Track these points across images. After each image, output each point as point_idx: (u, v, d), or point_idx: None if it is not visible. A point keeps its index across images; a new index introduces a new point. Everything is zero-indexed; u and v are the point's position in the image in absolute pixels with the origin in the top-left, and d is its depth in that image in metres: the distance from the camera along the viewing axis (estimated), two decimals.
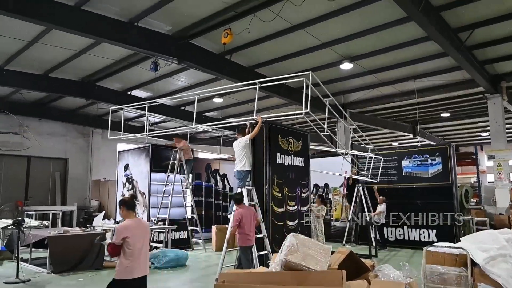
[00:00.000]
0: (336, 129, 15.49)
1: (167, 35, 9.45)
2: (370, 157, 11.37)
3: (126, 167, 11.83)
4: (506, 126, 13.60)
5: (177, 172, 10.58)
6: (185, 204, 11.10)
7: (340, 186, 12.59)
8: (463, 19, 8.86)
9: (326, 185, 12.99)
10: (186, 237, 10.99)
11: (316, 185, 13.05)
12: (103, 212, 14.40)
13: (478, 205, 13.35)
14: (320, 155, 15.18)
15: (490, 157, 12.75)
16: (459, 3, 8.16)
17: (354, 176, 11.66)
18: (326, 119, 8.81)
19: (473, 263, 5.13)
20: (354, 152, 12.84)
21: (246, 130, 7.68)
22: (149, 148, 10.98)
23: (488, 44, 10.12)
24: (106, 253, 8.61)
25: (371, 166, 11.40)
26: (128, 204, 4.37)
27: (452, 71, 11.79)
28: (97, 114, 17.06)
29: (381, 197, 10.81)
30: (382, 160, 11.58)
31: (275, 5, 8.01)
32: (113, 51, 10.38)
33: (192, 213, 11.06)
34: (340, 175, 11.86)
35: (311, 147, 9.60)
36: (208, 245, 11.06)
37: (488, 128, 14.86)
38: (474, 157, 14.90)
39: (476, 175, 14.89)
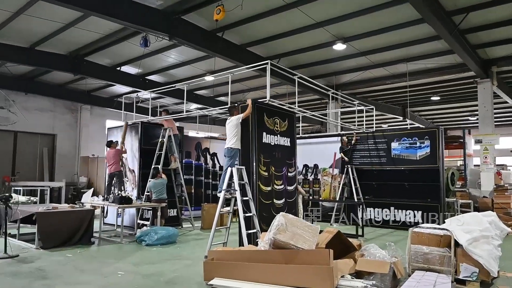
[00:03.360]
0: (327, 110, 15.52)
1: (158, 10, 9.22)
2: (360, 110, 11.81)
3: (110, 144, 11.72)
4: (494, 111, 13.77)
5: (166, 151, 10.52)
6: (175, 182, 11.08)
7: (329, 167, 12.69)
8: (458, 2, 8.79)
9: (316, 166, 13.08)
10: (176, 214, 11.05)
11: (305, 166, 13.14)
12: (92, 189, 14.37)
13: (463, 187, 13.61)
14: (311, 136, 15.24)
15: (477, 141, 12.93)
16: None
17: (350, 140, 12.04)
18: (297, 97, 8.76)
19: (457, 244, 5.27)
20: (344, 109, 13.03)
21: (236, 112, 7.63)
22: (139, 126, 10.86)
23: (481, 28, 10.10)
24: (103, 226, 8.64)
25: (364, 121, 11.86)
26: None
27: (444, 54, 11.80)
28: (85, 89, 16.78)
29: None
30: (374, 109, 12.22)
31: None
32: (102, 25, 10.11)
33: (182, 191, 11.08)
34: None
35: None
36: (197, 223, 11.15)
37: (476, 112, 15.01)
38: (462, 140, 15.06)
39: (462, 159, 15.11)
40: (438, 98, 18.09)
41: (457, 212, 11.03)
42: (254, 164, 7.36)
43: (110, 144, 10.50)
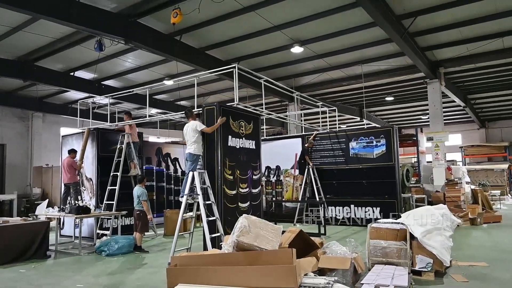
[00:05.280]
0: (291, 112, 15.80)
1: (113, 13, 8.99)
2: (323, 112, 12.17)
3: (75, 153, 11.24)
4: (443, 110, 14.58)
5: (125, 157, 10.23)
6: None
7: (291, 168, 12.88)
8: (407, 6, 9.26)
9: (278, 167, 13.22)
10: None
11: (267, 167, 13.25)
12: (47, 200, 13.69)
13: (417, 183, 14.25)
14: (273, 138, 15.37)
15: (429, 139, 13.63)
16: None
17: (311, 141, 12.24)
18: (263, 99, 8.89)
19: (412, 237, 5.52)
20: (306, 111, 13.48)
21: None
22: (95, 132, 10.49)
23: (429, 31, 10.69)
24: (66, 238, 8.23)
25: (327, 122, 12.37)
26: None
27: (396, 56, 12.36)
28: (37, 96, 15.99)
29: None
30: (337, 110, 12.69)
31: None
32: (53, 29, 9.71)
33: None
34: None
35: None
36: (160, 230, 10.92)
37: (427, 111, 15.82)
38: (415, 138, 15.78)
39: (416, 156, 15.83)
40: (392, 98, 18.89)
41: (412, 207, 11.53)
42: (219, 168, 7.33)
43: (71, 151, 10.04)
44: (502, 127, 25.47)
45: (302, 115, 15.91)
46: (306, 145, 12.19)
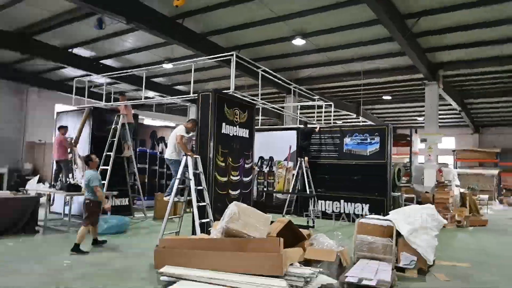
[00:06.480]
0: (286, 103, 15.79)
1: None
2: (319, 106, 12.27)
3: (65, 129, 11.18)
4: (439, 112, 14.66)
5: (119, 138, 10.19)
6: (128, 171, 10.80)
7: (284, 160, 12.92)
8: (412, 6, 9.24)
9: (271, 158, 13.26)
10: (128, 204, 10.78)
11: (261, 158, 13.28)
12: (38, 175, 13.66)
13: (408, 183, 14.38)
14: (268, 128, 15.39)
15: (423, 140, 13.74)
16: None
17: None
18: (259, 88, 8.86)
19: (398, 234, 5.60)
20: (303, 103, 13.78)
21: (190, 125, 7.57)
22: (90, 112, 10.42)
23: (432, 33, 10.68)
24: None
25: (322, 116, 12.50)
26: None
27: (397, 56, 12.36)
28: (33, 70, 15.81)
29: None
30: (333, 106, 12.84)
31: None
32: (53, 3, 9.59)
33: (135, 180, 10.83)
34: None
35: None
36: (150, 213, 10.95)
37: (423, 113, 15.89)
38: (409, 139, 15.89)
39: (409, 156, 15.94)
40: (390, 97, 18.94)
41: (401, 206, 11.66)
42: (212, 154, 7.35)
43: (60, 128, 10.01)
44: (495, 134, 25.69)
45: (298, 108, 15.95)
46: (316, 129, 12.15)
